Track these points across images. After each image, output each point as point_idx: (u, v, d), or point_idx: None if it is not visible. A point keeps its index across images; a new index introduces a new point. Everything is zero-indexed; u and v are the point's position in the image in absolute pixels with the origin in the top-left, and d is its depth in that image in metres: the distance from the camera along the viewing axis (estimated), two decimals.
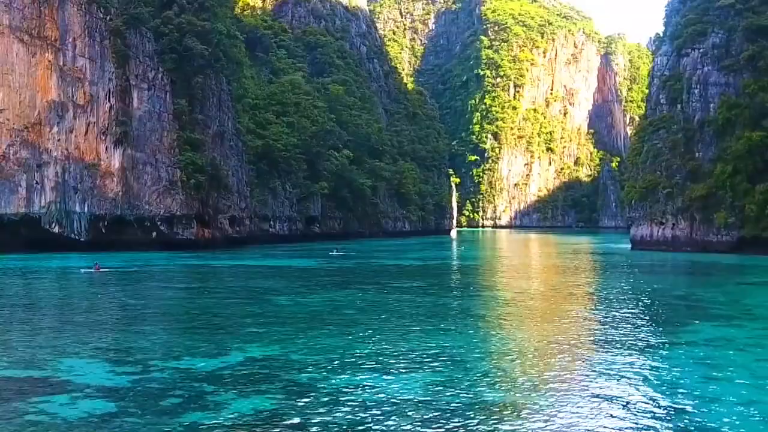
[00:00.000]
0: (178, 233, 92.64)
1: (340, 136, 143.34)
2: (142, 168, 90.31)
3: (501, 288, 46.67)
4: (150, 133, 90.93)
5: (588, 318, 32.49)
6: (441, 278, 54.05)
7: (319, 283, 49.20)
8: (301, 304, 37.64)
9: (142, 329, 28.94)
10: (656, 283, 51.62)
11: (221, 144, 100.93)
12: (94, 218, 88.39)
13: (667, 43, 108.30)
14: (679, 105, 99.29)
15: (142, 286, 47.65)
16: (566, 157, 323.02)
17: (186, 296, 40.89)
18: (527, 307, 36.69)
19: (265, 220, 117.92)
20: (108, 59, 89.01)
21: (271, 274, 58.24)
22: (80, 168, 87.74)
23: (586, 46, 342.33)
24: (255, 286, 46.72)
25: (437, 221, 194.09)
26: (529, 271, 63.91)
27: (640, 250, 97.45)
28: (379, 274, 58.14)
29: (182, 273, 57.61)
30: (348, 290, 44.15)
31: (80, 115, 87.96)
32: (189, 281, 50.12)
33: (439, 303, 37.82)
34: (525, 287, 46.85)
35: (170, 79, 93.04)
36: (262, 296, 40.80)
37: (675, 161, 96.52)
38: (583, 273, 60.95)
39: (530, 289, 46.14)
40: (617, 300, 39.28)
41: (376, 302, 37.86)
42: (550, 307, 36.61)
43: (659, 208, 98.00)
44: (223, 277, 53.87)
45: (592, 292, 43.17)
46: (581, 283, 50.38)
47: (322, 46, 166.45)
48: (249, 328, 29.48)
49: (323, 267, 65.41)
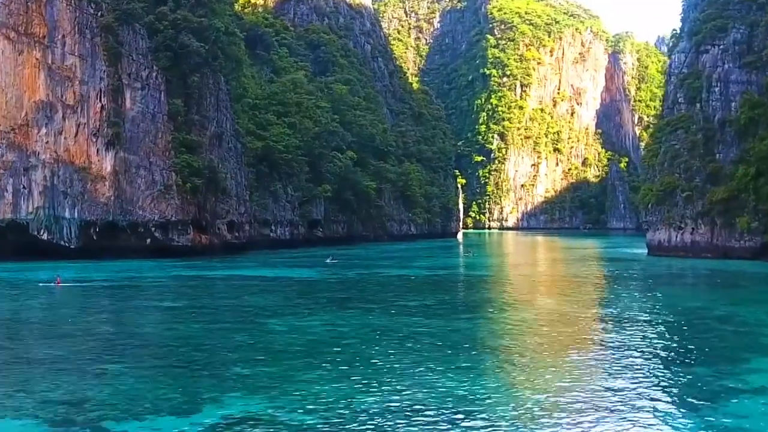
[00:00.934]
0: (173, 239, 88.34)
1: (344, 136, 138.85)
2: (136, 171, 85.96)
3: (516, 307, 42.21)
4: (144, 134, 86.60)
5: (626, 353, 27.92)
6: (451, 294, 49.60)
7: (318, 300, 44.81)
8: (296, 330, 33.22)
9: (102, 370, 24.46)
10: (689, 299, 47.19)
11: (219, 146, 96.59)
12: (84, 224, 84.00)
13: (684, 39, 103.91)
14: (698, 104, 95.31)
15: (116, 305, 43.15)
16: (574, 157, 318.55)
17: (166, 320, 36.40)
18: (551, 337, 32.15)
19: (265, 224, 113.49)
20: (99, 57, 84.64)
21: (268, 287, 53.88)
22: (70, 172, 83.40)
23: (594, 44, 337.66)
24: (248, 304, 42.31)
25: (443, 224, 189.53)
26: (544, 284, 59.48)
27: (657, 256, 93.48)
28: (384, 288, 53.74)
29: (170, 287, 53.21)
30: (350, 310, 39.77)
31: (70, 116, 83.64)
32: (174, 298, 45.68)
33: (452, 329, 33.41)
34: (544, 306, 42.44)
35: (165, 78, 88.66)
36: (253, 319, 36.42)
37: (694, 163, 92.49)
38: (603, 286, 56.51)
39: (550, 307, 41.69)
40: (653, 325, 34.83)
41: (382, 328, 33.46)
42: (577, 337, 32.13)
43: (678, 211, 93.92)
44: (214, 292, 49.57)
45: (621, 314, 38.67)
46: (605, 299, 45.93)
47: (325, 45, 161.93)
48: (233, 367, 25.07)
49: (323, 279, 61.02)
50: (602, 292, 51.03)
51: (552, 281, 60.95)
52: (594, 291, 51.42)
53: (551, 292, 51.56)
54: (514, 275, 66.87)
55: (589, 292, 50.20)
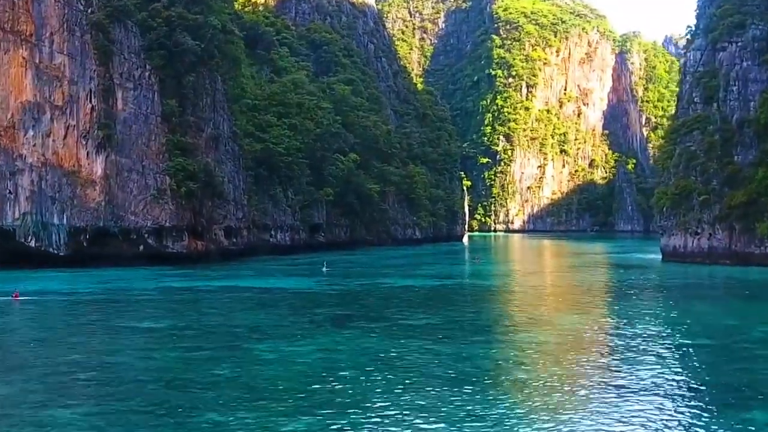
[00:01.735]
0: (167, 246, 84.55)
1: (346, 138, 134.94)
2: (128, 175, 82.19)
3: (530, 328, 38.25)
4: (136, 136, 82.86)
5: (661, 392, 23.97)
6: (459, 309, 45.62)
7: (314, 318, 40.88)
8: (287, 358, 29.30)
9: (47, 418, 20.56)
10: (721, 315, 43.18)
11: (216, 148, 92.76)
12: (74, 231, 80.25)
13: (700, 36, 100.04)
14: (715, 104, 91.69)
15: (85, 326, 38.65)
16: (580, 159, 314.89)
17: (139, 347, 32.36)
18: (572, 370, 28.14)
19: (265, 229, 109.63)
20: (89, 56, 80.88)
21: (261, 301, 50.03)
22: (58, 176, 79.66)
23: (601, 44, 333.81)
24: (236, 324, 38.41)
25: (449, 227, 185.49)
26: (558, 297, 55.50)
27: (672, 262, 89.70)
28: (387, 302, 49.82)
29: (154, 302, 49.31)
30: (349, 330, 35.90)
31: (58, 118, 79.90)
32: (156, 316, 41.73)
33: (463, 355, 29.49)
34: (560, 325, 38.47)
35: (159, 78, 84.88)
36: (240, 344, 32.53)
37: (711, 165, 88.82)
38: (621, 298, 52.50)
39: (567, 327, 37.71)
40: (686, 353, 30.92)
41: (384, 356, 29.57)
42: (601, 370, 28.16)
43: (694, 216, 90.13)
44: (202, 308, 45.68)
45: (648, 336, 34.75)
46: (626, 316, 41.93)
47: (327, 44, 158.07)
48: (206, 412, 21.12)
49: (322, 291, 57.12)
50: (621, 306, 47.04)
51: (565, 293, 56.98)
52: (612, 305, 47.46)
53: (567, 306, 47.61)
54: (525, 286, 62.89)
55: (607, 307, 46.26)
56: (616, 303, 48.59)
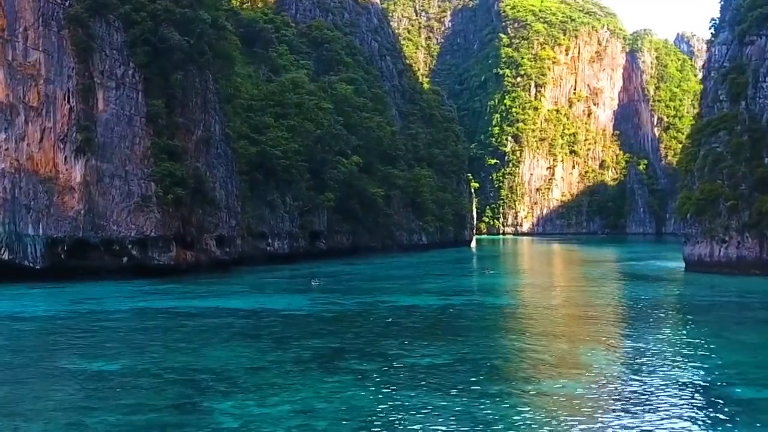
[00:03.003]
0: (153, 258, 78.44)
1: (349, 140, 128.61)
2: (109, 181, 76.13)
3: (556, 370, 31.96)
4: (118, 140, 76.80)
5: None
6: (469, 342, 39.10)
7: (299, 355, 34.52)
8: (252, 426, 22.99)
9: None
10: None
11: (207, 152, 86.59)
12: (51, 242, 74.32)
13: (726, 29, 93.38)
14: (742, 101, 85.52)
15: (19, 369, 32.19)
16: (590, 159, 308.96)
17: (75, 403, 25.96)
18: None
19: (261, 237, 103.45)
20: (67, 53, 74.91)
21: (242, 329, 43.78)
22: (33, 182, 73.73)
23: (611, 43, 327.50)
24: (203, 366, 32.01)
25: (457, 231, 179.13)
26: (580, 320, 49.11)
27: (697, 272, 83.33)
28: (386, 329, 43.50)
29: (119, 330, 42.98)
30: (337, 376, 29.63)
31: (33, 120, 74.00)
32: (114, 353, 35.27)
33: (479, 417, 23.20)
34: (589, 365, 32.24)
35: (143, 77, 78.77)
36: (199, 402, 26.15)
37: (739, 168, 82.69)
38: (655, 323, 46.13)
39: (598, 369, 31.46)
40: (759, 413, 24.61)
41: (377, 420, 23.28)
42: None
43: (721, 223, 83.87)
44: (171, 340, 39.35)
45: (706, 389, 28.60)
46: (670, 352, 35.64)
47: (329, 42, 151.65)
48: None
49: (315, 312, 50.77)
50: (656, 336, 40.66)
51: (588, 316, 50.55)
52: (645, 335, 40.91)
53: (592, 337, 41.21)
54: (541, 306, 56.40)
55: (640, 338, 39.77)
56: (649, 331, 42.12)
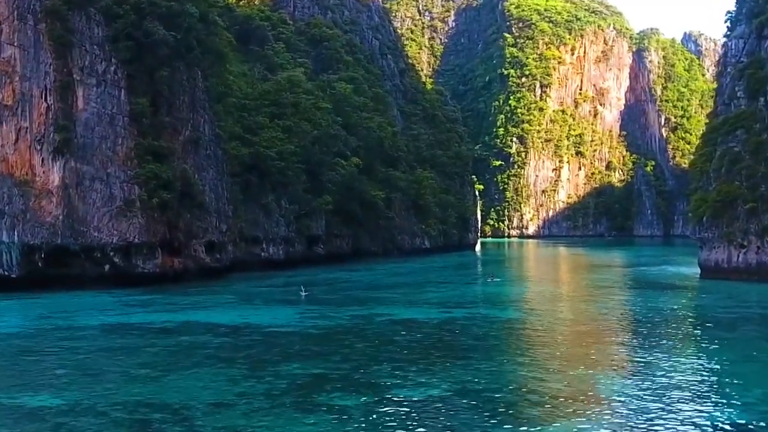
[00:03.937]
0: (137, 265, 73.95)
1: (348, 141, 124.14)
2: (90, 185, 71.63)
3: (572, 404, 27.53)
4: (99, 140, 72.34)
5: None
6: (472, 367, 34.36)
7: (274, 386, 29.88)
8: None
9: None
10: None
11: (195, 153, 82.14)
12: (27, 249, 69.91)
13: (743, 23, 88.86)
14: (761, 98, 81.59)
15: None
16: (597, 161, 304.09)
17: None
18: None
19: (255, 242, 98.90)
20: (44, 48, 70.57)
21: (217, 351, 39.14)
22: (8, 186, 69.43)
23: (617, 42, 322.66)
24: (162, 402, 27.36)
25: (460, 235, 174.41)
26: (594, 338, 44.50)
27: (713, 279, 78.71)
28: (379, 350, 38.89)
29: (80, 351, 38.25)
30: (317, 415, 25.10)
31: (8, 119, 69.76)
32: (63, 384, 30.52)
33: None
34: (608, 395, 27.82)
35: (126, 73, 74.38)
36: None
37: (759, 168, 78.49)
38: (677, 341, 41.59)
39: (618, 400, 27.02)
40: None
41: None
42: None
43: (739, 226, 79.49)
44: (135, 365, 34.72)
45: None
46: (698, 381, 31.12)
47: (329, 40, 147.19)
48: None
49: (302, 328, 46.19)
50: (679, 357, 36.28)
51: (601, 332, 45.98)
52: (665, 353, 36.31)
53: (608, 359, 36.71)
54: (550, 320, 51.72)
55: (661, 357, 35.28)
56: (671, 353, 37.44)
